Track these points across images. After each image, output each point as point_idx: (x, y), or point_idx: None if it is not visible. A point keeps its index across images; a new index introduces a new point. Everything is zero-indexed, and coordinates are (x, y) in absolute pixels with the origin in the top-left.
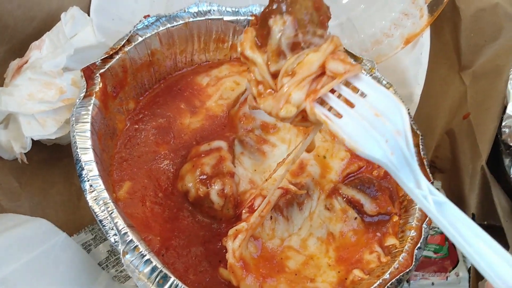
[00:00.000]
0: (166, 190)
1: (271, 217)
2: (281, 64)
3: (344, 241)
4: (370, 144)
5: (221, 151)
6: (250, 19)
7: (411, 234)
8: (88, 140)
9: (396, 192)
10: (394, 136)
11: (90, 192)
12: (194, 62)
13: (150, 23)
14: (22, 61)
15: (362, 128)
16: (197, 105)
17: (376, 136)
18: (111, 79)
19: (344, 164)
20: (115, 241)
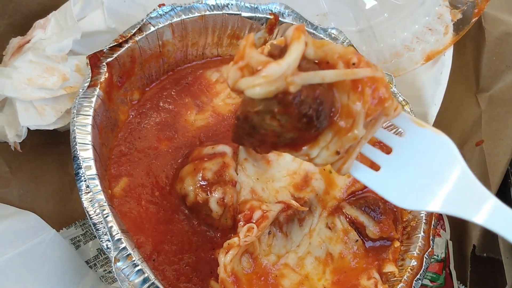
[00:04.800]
0: (164, 189)
1: (270, 232)
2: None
3: (343, 263)
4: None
5: (225, 157)
6: (268, 18)
7: (412, 263)
8: (88, 135)
9: (401, 217)
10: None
11: (85, 193)
12: (205, 56)
13: (164, 12)
14: (24, 40)
15: (406, 181)
16: (204, 102)
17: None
18: (118, 69)
19: (350, 181)
20: (107, 247)
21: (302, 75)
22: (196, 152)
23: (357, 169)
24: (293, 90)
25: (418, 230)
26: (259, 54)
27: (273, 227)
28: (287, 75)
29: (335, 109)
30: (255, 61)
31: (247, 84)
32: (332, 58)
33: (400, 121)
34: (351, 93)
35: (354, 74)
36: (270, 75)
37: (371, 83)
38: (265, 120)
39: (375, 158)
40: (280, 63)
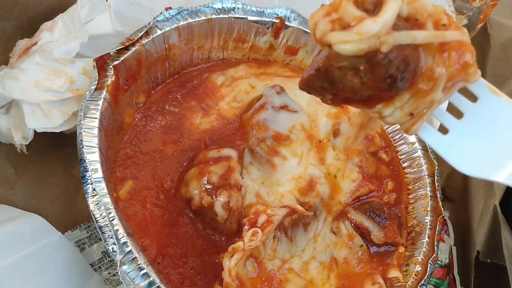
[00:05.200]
0: (169, 192)
1: (274, 236)
2: None
3: (347, 268)
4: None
5: (230, 161)
6: (274, 22)
7: (416, 269)
8: (95, 138)
9: (405, 222)
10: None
11: (92, 196)
12: (211, 59)
13: (171, 15)
14: (31, 42)
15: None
16: (209, 105)
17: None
18: (124, 72)
19: (355, 186)
20: (113, 250)
21: (395, 35)
22: (201, 156)
23: (426, 130)
24: (384, 50)
25: (422, 236)
26: (355, 8)
27: (278, 231)
28: (381, 34)
29: (418, 70)
30: (350, 16)
31: (339, 39)
32: (422, 16)
33: (476, 87)
34: (437, 55)
35: (443, 37)
36: (365, 32)
37: (458, 47)
38: (347, 76)
39: (444, 121)
40: (376, 21)
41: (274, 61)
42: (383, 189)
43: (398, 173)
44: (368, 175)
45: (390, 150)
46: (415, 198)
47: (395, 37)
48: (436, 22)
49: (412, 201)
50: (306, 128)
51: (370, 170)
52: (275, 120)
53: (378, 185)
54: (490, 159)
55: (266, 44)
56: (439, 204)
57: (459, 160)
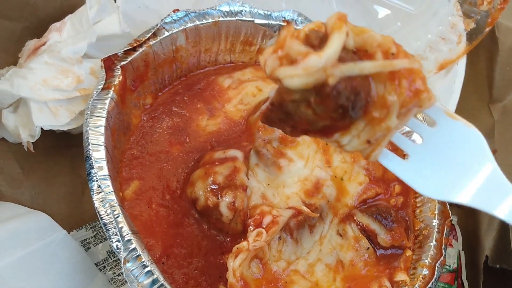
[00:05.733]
0: (174, 193)
1: (280, 237)
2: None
3: (354, 271)
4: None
5: (236, 162)
6: (281, 25)
7: (423, 272)
8: (101, 136)
9: (413, 225)
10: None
11: (97, 193)
12: (218, 62)
13: (179, 17)
14: (40, 42)
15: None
16: (216, 107)
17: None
18: (131, 72)
19: (361, 189)
20: (117, 247)
21: (341, 67)
22: (207, 157)
23: (386, 156)
24: (332, 82)
25: (430, 239)
26: (300, 44)
27: (283, 233)
28: (327, 67)
29: (370, 99)
30: (295, 52)
31: (286, 74)
32: (371, 46)
33: (432, 112)
34: (387, 83)
35: (392, 66)
36: (310, 67)
37: (408, 74)
38: (300, 108)
39: (403, 147)
40: (321, 55)
41: None
42: (390, 192)
43: None
44: (375, 178)
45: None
46: (422, 201)
47: (341, 69)
48: (385, 51)
49: (420, 204)
50: None
51: (377, 173)
52: None
53: (385, 188)
54: (450, 181)
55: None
56: (446, 208)
57: (420, 184)
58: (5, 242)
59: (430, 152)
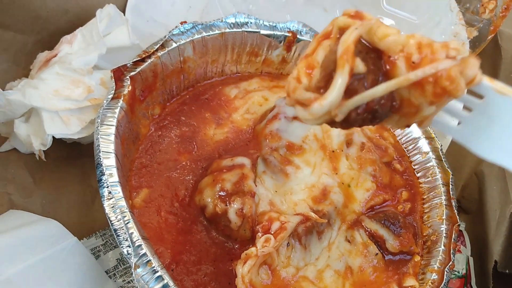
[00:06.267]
0: (183, 201)
1: (288, 243)
2: None
3: (363, 277)
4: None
5: (244, 169)
6: (286, 35)
7: (432, 277)
8: (111, 144)
9: (421, 231)
10: None
11: (108, 199)
12: (224, 72)
13: (186, 29)
14: (51, 54)
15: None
16: (223, 117)
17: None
18: (140, 83)
19: (369, 196)
20: (127, 253)
21: (347, 104)
22: (215, 165)
23: (437, 122)
24: (338, 120)
25: (438, 244)
26: (305, 92)
27: (291, 239)
28: (332, 109)
29: (396, 103)
30: (302, 98)
31: (301, 115)
32: (394, 52)
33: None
34: (412, 90)
35: (407, 80)
36: (315, 113)
37: (433, 79)
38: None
39: (454, 114)
40: (322, 104)
41: (286, 74)
42: (398, 198)
43: (412, 183)
44: (382, 185)
45: (403, 160)
46: (430, 207)
47: (348, 106)
48: (407, 58)
49: (427, 210)
50: (319, 138)
51: (384, 180)
52: (288, 130)
53: (393, 195)
54: (504, 146)
55: (279, 57)
56: (454, 213)
57: (475, 144)
58: (16, 249)
59: (480, 119)
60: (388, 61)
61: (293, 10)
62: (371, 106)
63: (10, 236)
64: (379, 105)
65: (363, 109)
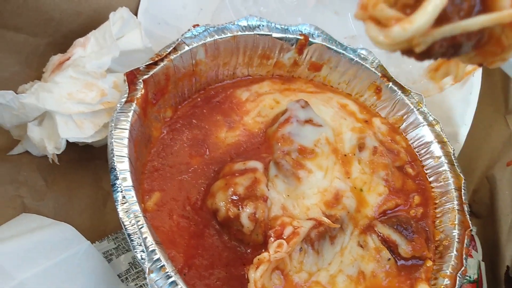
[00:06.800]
0: (195, 204)
1: (301, 248)
2: None
3: (375, 282)
4: None
5: (256, 173)
6: (298, 38)
7: (445, 282)
8: (125, 148)
9: (433, 236)
10: None
11: (122, 203)
12: (236, 75)
13: (198, 32)
14: (64, 57)
15: None
16: (235, 120)
17: None
18: (153, 86)
19: (381, 200)
20: (141, 258)
21: (435, 34)
22: (227, 168)
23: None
24: (418, 50)
25: (450, 249)
26: (387, 7)
27: (304, 244)
28: (415, 37)
29: (484, 39)
30: (382, 15)
31: (372, 36)
32: None
33: None
34: (507, 28)
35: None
36: (393, 38)
37: None
38: None
39: None
40: (406, 28)
41: (298, 77)
42: (410, 203)
43: (424, 187)
44: (395, 189)
45: (416, 165)
46: (442, 212)
47: (435, 35)
48: None
49: (439, 215)
50: (331, 142)
51: (396, 184)
52: (300, 134)
53: (405, 199)
54: None
55: (290, 60)
56: (466, 218)
57: None
58: (29, 253)
59: None
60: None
61: (304, 13)
62: (458, 39)
63: (23, 240)
64: (467, 39)
65: (448, 42)
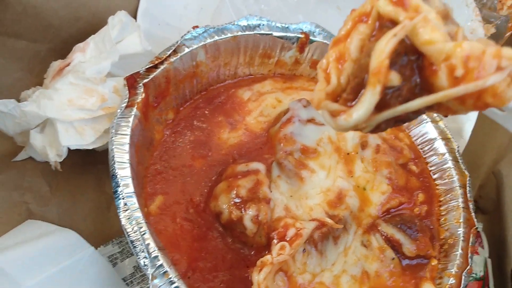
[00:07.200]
0: (198, 207)
1: (304, 250)
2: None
3: (379, 282)
4: None
5: (259, 174)
6: (299, 37)
7: (450, 282)
8: (126, 154)
9: (438, 234)
10: None
11: (123, 210)
12: (237, 75)
13: (198, 34)
14: (64, 63)
15: None
16: (237, 120)
17: None
18: (153, 89)
19: (384, 199)
20: (144, 264)
21: (377, 118)
22: (229, 170)
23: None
24: (365, 132)
25: (456, 248)
26: (331, 103)
27: (307, 245)
28: (359, 123)
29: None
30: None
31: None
32: (437, 60)
33: None
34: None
35: (448, 97)
36: (340, 126)
37: (477, 94)
38: None
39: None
40: (348, 120)
41: (299, 76)
42: (414, 201)
43: (428, 185)
44: (398, 187)
45: (419, 162)
46: (447, 209)
47: (377, 120)
48: (450, 70)
49: (444, 213)
50: (333, 141)
51: (400, 182)
52: (302, 134)
53: (409, 197)
54: None
55: (292, 59)
56: (471, 216)
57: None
58: (36, 260)
59: None
60: (429, 67)
61: (306, 10)
62: (403, 116)
63: (29, 247)
64: (414, 113)
65: (394, 119)
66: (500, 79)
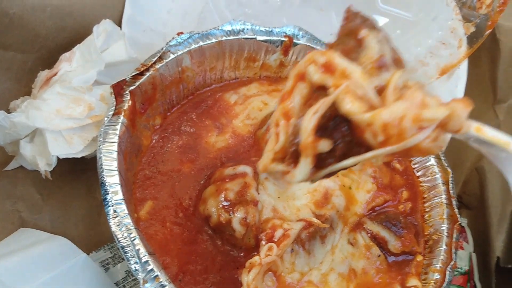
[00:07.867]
0: (188, 211)
1: (292, 250)
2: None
3: (366, 279)
4: None
5: (246, 177)
6: (283, 40)
7: (435, 277)
8: (114, 161)
9: (422, 231)
10: None
11: (113, 217)
12: (223, 79)
13: (183, 40)
14: (51, 73)
15: None
16: (224, 123)
17: None
18: (140, 96)
19: (370, 197)
20: (135, 269)
21: (318, 175)
22: (217, 173)
23: None
24: (313, 183)
25: (440, 244)
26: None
27: (295, 245)
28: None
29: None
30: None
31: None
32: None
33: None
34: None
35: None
36: (289, 181)
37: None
38: None
39: None
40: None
41: (285, 78)
42: (399, 198)
43: (412, 182)
44: (383, 185)
45: (403, 160)
46: (430, 206)
47: (319, 176)
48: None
49: (428, 209)
50: None
51: (384, 180)
52: None
53: (393, 195)
54: None
55: (276, 61)
56: (455, 212)
57: None
58: (29, 267)
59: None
60: (357, 129)
61: (290, 12)
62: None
63: (22, 255)
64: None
65: (337, 169)
66: (421, 139)
